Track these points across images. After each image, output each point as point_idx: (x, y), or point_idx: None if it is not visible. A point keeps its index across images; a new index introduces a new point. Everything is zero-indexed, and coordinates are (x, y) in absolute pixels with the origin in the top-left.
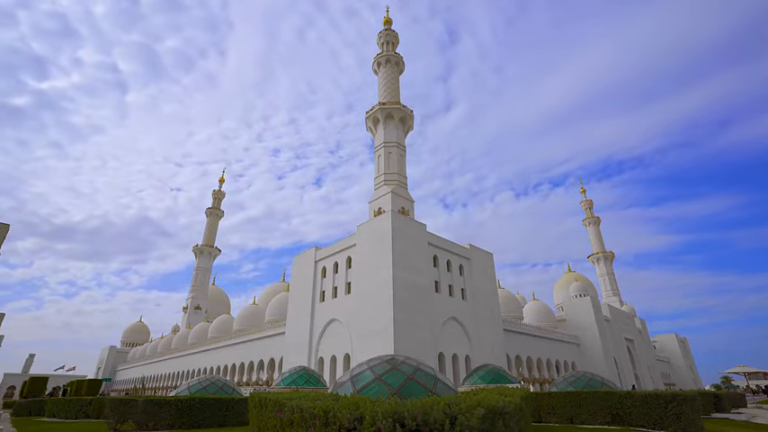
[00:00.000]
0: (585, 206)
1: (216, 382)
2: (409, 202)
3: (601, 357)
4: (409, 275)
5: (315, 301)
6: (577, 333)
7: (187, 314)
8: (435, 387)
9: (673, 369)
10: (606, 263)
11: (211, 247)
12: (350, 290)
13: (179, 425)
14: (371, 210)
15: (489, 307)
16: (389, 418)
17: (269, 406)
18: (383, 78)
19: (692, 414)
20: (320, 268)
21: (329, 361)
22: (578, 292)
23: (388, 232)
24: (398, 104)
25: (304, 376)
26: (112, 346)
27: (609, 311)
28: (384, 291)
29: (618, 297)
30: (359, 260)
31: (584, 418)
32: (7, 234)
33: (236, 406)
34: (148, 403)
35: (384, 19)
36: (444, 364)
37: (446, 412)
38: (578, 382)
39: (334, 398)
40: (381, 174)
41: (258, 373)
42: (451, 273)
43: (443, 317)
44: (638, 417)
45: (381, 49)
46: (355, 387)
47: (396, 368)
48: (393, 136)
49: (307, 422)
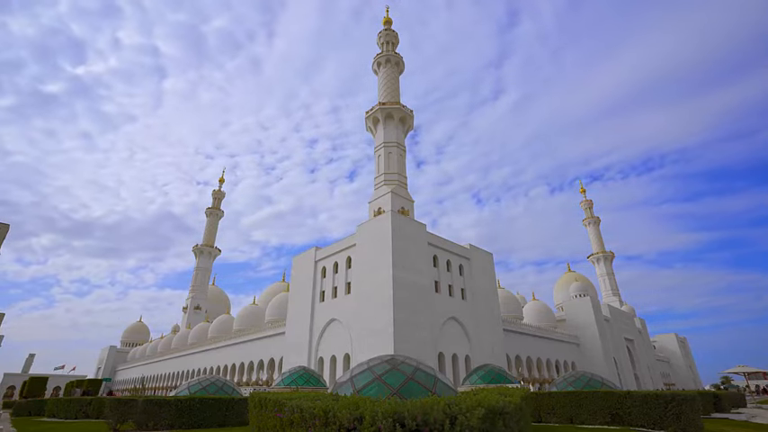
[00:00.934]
0: (585, 206)
1: (216, 382)
2: (409, 202)
3: (601, 357)
4: (409, 275)
5: (315, 301)
6: (577, 333)
7: (187, 314)
8: (435, 387)
9: (672, 369)
10: (606, 263)
11: (211, 247)
12: (350, 290)
13: (179, 425)
14: (371, 210)
15: (489, 307)
16: (389, 418)
17: (269, 406)
18: (383, 78)
19: (692, 414)
20: (320, 268)
21: (329, 361)
22: (578, 292)
23: (388, 232)
24: (398, 104)
25: (304, 376)
26: (112, 346)
27: (609, 311)
28: (384, 291)
29: (618, 297)
30: (359, 260)
31: (584, 418)
32: (7, 234)
33: (236, 406)
34: (148, 403)
35: (384, 19)
36: (444, 364)
37: (446, 412)
38: (578, 382)
39: (334, 398)
40: (381, 174)
41: (258, 373)
42: (451, 273)
43: (443, 317)
44: (638, 417)
45: (381, 49)
46: (355, 387)
47: (396, 368)
48: (393, 136)
49: (307, 422)
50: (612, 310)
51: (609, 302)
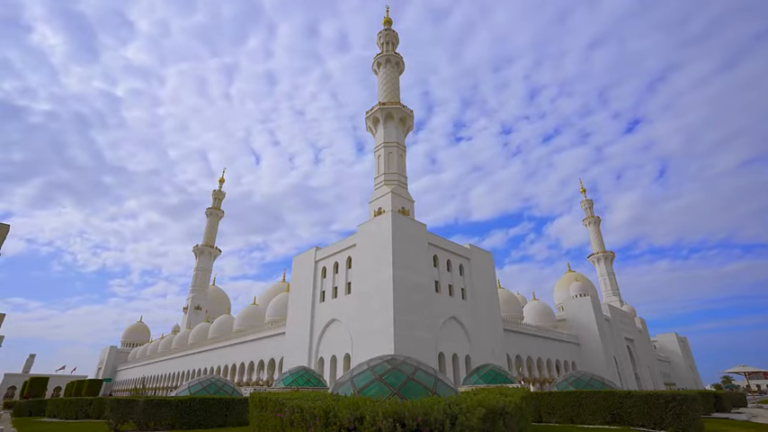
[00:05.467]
0: (585, 206)
1: (216, 382)
2: (409, 202)
3: (601, 357)
4: (409, 275)
5: (315, 302)
6: (578, 333)
7: (187, 314)
8: (435, 387)
9: (673, 369)
10: (606, 263)
11: (211, 247)
12: (350, 290)
13: (179, 425)
14: (371, 210)
15: (489, 307)
16: (390, 418)
17: (269, 406)
18: (383, 78)
19: (693, 414)
20: (320, 268)
21: (329, 361)
22: (578, 292)
23: (389, 232)
24: (398, 104)
25: (304, 376)
26: (113, 346)
27: (609, 311)
28: (384, 291)
29: (618, 297)
30: (359, 260)
31: (585, 418)
32: (7, 234)
33: (237, 406)
34: (149, 403)
35: (384, 19)
36: (444, 364)
37: (446, 412)
38: (579, 382)
39: (335, 398)
40: (381, 174)
41: (258, 373)
42: (451, 273)
43: (443, 317)
44: (639, 417)
45: (381, 50)
46: (355, 387)
47: (396, 368)
48: (393, 136)
49: (307, 422)
50: (613, 310)
51: (609, 302)
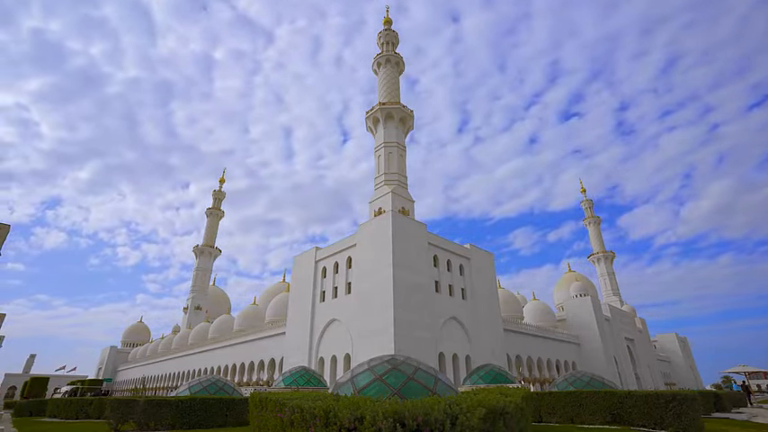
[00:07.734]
0: (585, 206)
1: (216, 382)
2: (409, 201)
3: (601, 357)
4: (409, 275)
5: (315, 302)
6: (578, 333)
7: (187, 314)
8: (435, 387)
9: (673, 369)
10: (606, 263)
11: (211, 247)
12: (350, 290)
13: (179, 425)
14: (371, 210)
15: (489, 307)
16: (390, 418)
17: (269, 406)
18: (383, 78)
19: (693, 413)
20: (320, 268)
21: (329, 361)
22: (578, 292)
23: (389, 232)
24: (398, 104)
25: (304, 376)
26: (113, 346)
27: (609, 311)
28: (384, 291)
29: (618, 297)
30: (359, 260)
31: (585, 418)
32: (7, 234)
33: (237, 406)
34: (149, 403)
35: (384, 19)
36: (444, 364)
37: (447, 412)
38: (579, 381)
39: (335, 398)
40: (381, 174)
41: (258, 373)
42: (452, 273)
43: (443, 317)
44: (639, 416)
45: (381, 50)
46: (355, 387)
47: (396, 368)
48: (393, 136)
49: (307, 422)
50: (613, 310)
51: (609, 302)
